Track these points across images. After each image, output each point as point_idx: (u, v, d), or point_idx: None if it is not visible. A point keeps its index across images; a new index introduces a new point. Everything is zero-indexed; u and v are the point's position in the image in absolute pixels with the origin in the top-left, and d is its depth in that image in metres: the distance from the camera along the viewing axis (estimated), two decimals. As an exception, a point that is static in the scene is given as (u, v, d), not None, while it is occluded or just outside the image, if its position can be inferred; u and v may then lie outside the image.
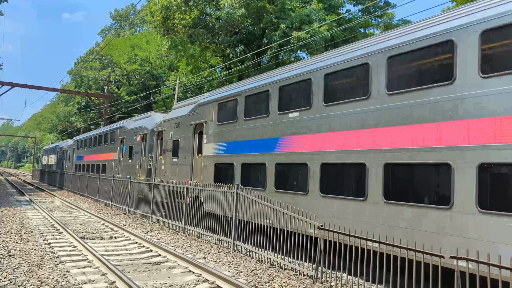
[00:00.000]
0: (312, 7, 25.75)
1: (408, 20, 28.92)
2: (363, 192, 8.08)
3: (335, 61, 9.25)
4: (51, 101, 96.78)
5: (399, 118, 7.62)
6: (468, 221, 6.27)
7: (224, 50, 32.34)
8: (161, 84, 48.15)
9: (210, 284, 7.54)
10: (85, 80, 58.59)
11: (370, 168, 7.99)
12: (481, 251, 5.75)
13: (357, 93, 8.60)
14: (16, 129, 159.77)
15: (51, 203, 22.50)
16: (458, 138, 6.57)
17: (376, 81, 8.13)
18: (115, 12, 76.96)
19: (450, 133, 6.69)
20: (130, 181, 18.13)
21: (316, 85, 9.61)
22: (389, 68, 7.91)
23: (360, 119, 8.40)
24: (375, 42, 8.45)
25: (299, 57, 30.83)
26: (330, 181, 9.00)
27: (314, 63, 9.98)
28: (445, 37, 7.02)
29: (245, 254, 10.04)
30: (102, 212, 18.43)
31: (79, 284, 7.27)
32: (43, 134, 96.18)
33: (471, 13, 6.77)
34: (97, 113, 51.63)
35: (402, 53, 7.70)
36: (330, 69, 9.31)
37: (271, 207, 9.43)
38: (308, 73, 9.95)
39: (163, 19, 28.53)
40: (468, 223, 6.27)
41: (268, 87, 11.26)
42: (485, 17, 6.48)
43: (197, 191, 12.70)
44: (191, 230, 12.80)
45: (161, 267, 8.84)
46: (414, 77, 7.50)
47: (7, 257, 9.00)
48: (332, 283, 7.62)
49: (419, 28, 7.62)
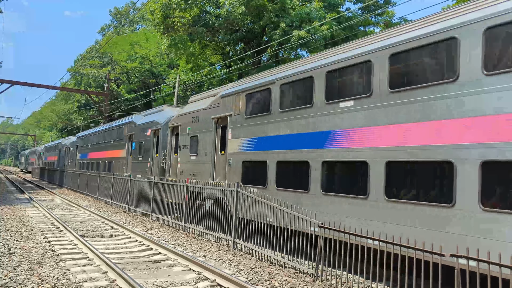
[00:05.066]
0: (312, 6, 25.71)
1: (406, 18, 28.87)
2: (450, 197, 6.48)
3: (406, 38, 7.60)
4: (51, 99, 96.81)
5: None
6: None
7: (224, 48, 32.32)
8: (161, 82, 48.13)
9: (210, 282, 7.55)
10: (85, 78, 58.54)
11: (459, 167, 6.40)
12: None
13: (438, 75, 7.03)
14: (16, 127, 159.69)
15: (51, 201, 22.51)
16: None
17: (468, 59, 6.61)
18: (115, 10, 76.89)
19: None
20: (130, 179, 18.14)
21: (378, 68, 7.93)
22: (487, 43, 6.50)
23: (445, 107, 6.83)
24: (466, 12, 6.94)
25: (299, 55, 30.81)
26: (399, 183, 7.43)
27: (376, 41, 8.27)
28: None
29: (245, 252, 10.06)
30: (102, 210, 18.45)
31: (80, 282, 7.28)
32: (43, 132, 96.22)
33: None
34: (97, 111, 51.58)
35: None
36: (399, 48, 7.64)
37: (274, 207, 9.40)
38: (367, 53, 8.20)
39: (163, 17, 28.50)
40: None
41: (311, 73, 9.68)
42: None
43: (221, 192, 11.50)
44: (191, 228, 12.81)
45: (162, 265, 8.85)
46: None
47: (7, 255, 9.01)
48: (333, 281, 7.63)
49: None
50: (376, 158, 7.78)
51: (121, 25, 68.25)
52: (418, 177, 7.14)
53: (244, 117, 11.98)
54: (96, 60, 55.67)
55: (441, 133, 6.78)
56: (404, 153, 7.31)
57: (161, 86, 46.33)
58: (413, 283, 6.46)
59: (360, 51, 8.51)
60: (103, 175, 22.52)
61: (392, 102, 7.67)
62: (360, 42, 8.85)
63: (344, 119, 8.64)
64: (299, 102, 10.05)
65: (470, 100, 6.48)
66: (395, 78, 7.72)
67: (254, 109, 11.68)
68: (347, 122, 8.56)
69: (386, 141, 7.69)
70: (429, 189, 6.87)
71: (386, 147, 7.65)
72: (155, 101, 47.15)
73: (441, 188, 6.72)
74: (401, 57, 7.67)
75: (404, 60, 7.66)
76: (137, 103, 46.15)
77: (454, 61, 6.78)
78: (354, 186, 8.22)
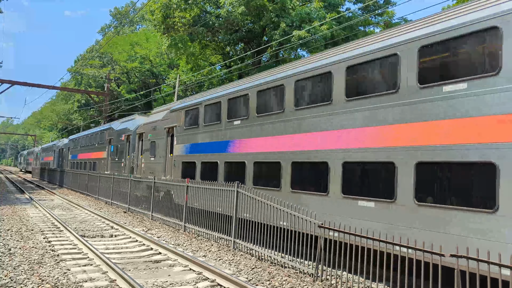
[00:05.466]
0: (312, 6, 25.72)
1: (407, 18, 28.87)
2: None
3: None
4: (51, 99, 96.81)
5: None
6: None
7: (224, 48, 32.33)
8: (161, 82, 48.13)
9: (210, 282, 7.56)
10: (85, 78, 58.56)
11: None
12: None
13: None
14: (16, 127, 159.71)
15: (51, 201, 22.52)
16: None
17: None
18: (115, 10, 76.91)
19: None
20: (130, 179, 18.17)
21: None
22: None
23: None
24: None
25: (299, 55, 30.82)
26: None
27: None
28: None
29: (245, 252, 10.06)
30: (102, 210, 18.46)
31: (80, 282, 7.28)
32: (43, 132, 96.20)
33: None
34: (97, 111, 51.62)
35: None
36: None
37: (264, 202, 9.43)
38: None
39: (163, 18, 28.52)
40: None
41: (219, 99, 13.43)
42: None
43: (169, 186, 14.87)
44: (191, 228, 12.82)
45: (162, 265, 8.85)
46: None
47: (7, 255, 9.02)
48: (333, 281, 7.64)
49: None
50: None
51: (121, 25, 68.27)
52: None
53: (184, 128, 15.55)
54: (96, 60, 55.68)
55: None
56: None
57: (161, 86, 46.32)
58: (413, 283, 6.46)
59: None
60: (103, 175, 22.58)
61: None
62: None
63: (236, 131, 12.24)
64: (214, 119, 13.60)
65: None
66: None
67: (190, 123, 15.20)
68: (238, 134, 12.12)
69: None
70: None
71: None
72: (155, 101, 47.17)
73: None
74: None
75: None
76: (137, 103, 46.17)
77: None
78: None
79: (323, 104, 9.28)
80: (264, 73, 11.81)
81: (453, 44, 6.79)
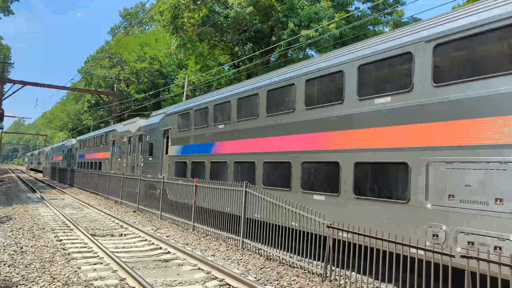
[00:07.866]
0: (321, 5, 25.64)
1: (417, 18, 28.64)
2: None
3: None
4: (61, 99, 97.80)
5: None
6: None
7: (233, 48, 32.35)
8: (170, 82, 48.37)
9: (219, 281, 7.59)
10: (95, 78, 59.05)
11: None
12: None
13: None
14: (27, 127, 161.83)
15: (62, 200, 22.78)
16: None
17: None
18: (124, 11, 77.49)
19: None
20: (140, 179, 18.30)
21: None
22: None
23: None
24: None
25: (308, 55, 30.74)
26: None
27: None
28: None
29: (253, 252, 10.08)
30: (112, 210, 18.62)
31: (90, 280, 7.37)
32: (54, 132, 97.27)
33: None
34: (107, 111, 52.04)
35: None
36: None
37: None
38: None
39: (172, 18, 28.64)
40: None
41: (207, 104, 14.71)
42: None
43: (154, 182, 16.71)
44: (200, 228, 12.87)
45: (171, 264, 8.91)
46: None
47: (19, 253, 9.15)
48: (341, 282, 7.62)
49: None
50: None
51: (131, 25, 68.73)
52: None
53: (177, 131, 16.90)
54: (106, 61, 56.14)
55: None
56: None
57: (170, 86, 46.55)
58: (423, 284, 6.42)
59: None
60: (113, 175, 22.77)
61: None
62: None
63: (221, 135, 13.52)
64: (202, 123, 14.95)
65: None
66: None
67: (183, 126, 16.53)
68: (222, 137, 13.46)
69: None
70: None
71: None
72: (164, 101, 47.41)
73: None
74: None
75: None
76: (147, 103, 46.45)
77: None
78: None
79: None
80: (244, 82, 13.24)
81: (379, 64, 8.25)
